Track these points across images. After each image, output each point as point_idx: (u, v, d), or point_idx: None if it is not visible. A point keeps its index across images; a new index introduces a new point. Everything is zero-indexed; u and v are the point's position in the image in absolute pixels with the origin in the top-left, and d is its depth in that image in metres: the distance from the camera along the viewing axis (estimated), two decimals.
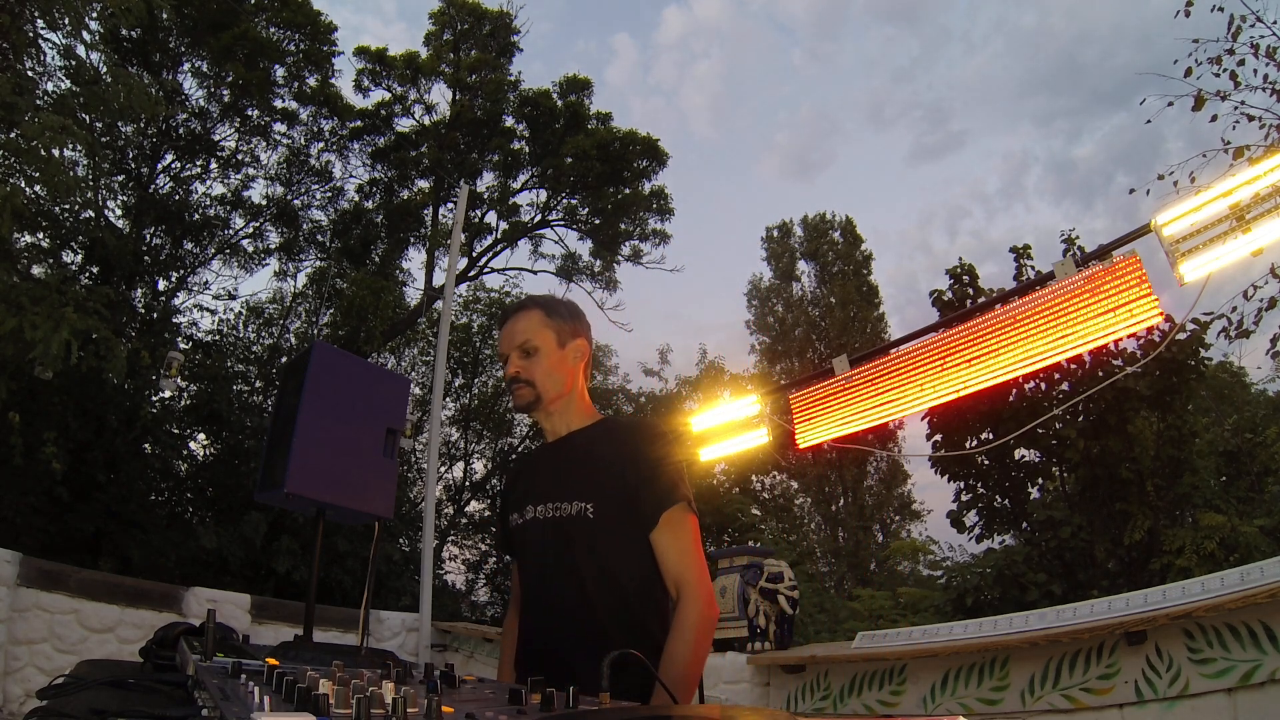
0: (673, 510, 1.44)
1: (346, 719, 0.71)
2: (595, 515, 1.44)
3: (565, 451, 1.59)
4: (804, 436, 4.11)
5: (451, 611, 12.38)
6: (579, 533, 1.45)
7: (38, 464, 7.12)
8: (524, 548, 1.58)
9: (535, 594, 1.55)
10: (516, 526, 1.59)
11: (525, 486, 1.62)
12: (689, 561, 1.42)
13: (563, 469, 1.55)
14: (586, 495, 1.46)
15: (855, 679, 3.81)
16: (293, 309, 13.22)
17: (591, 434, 1.58)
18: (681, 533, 1.45)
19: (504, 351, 1.64)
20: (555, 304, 1.69)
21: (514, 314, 1.67)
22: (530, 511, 1.55)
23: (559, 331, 1.63)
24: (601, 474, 1.47)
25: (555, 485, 1.53)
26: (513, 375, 1.59)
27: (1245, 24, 6.93)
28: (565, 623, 1.45)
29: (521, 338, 1.61)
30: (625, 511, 1.44)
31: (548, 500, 1.52)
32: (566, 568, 1.46)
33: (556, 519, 1.50)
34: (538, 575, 1.54)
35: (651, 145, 15.30)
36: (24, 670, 4.67)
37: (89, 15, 6.12)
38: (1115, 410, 7.79)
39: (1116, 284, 2.97)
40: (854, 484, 22.65)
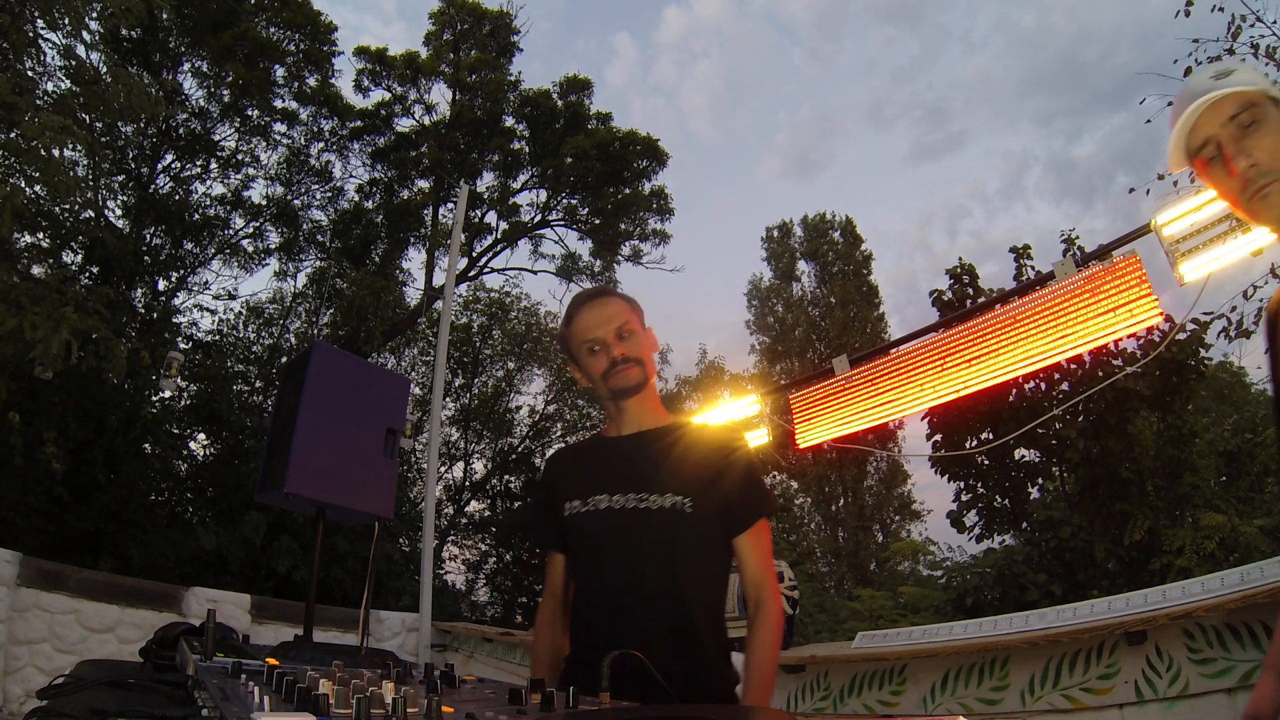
0: (763, 519, 1.52)
1: (346, 719, 0.71)
2: (694, 510, 1.43)
3: (647, 445, 1.53)
4: (804, 436, 4.11)
5: (451, 611, 12.39)
6: (675, 525, 1.43)
7: (38, 464, 7.12)
8: (589, 537, 1.50)
9: (606, 585, 1.46)
10: (577, 515, 1.51)
11: (591, 475, 1.54)
12: (769, 567, 1.50)
13: (649, 461, 1.49)
14: (683, 490, 1.44)
15: (855, 679, 3.81)
16: (293, 309, 13.22)
17: (676, 431, 1.55)
18: (766, 540, 1.52)
19: (599, 335, 1.54)
20: (627, 295, 1.66)
21: (597, 299, 1.61)
22: (603, 500, 1.48)
23: (640, 320, 1.61)
24: (698, 471, 1.47)
25: (638, 476, 1.48)
26: (622, 355, 1.52)
27: (1245, 24, 6.93)
28: (651, 615, 1.39)
29: (619, 320, 1.56)
30: (719, 513, 1.46)
31: (630, 490, 1.46)
32: (657, 559, 1.42)
33: (644, 509, 1.44)
34: (613, 565, 1.45)
35: (651, 145, 15.30)
36: (24, 670, 4.67)
37: (89, 15, 6.11)
38: (1115, 410, 7.79)
39: (1116, 284, 2.97)
40: (854, 484, 22.65)
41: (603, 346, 1.55)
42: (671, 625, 1.39)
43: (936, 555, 11.38)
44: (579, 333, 1.58)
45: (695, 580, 1.43)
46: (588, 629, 1.49)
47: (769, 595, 1.45)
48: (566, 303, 6.73)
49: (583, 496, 1.51)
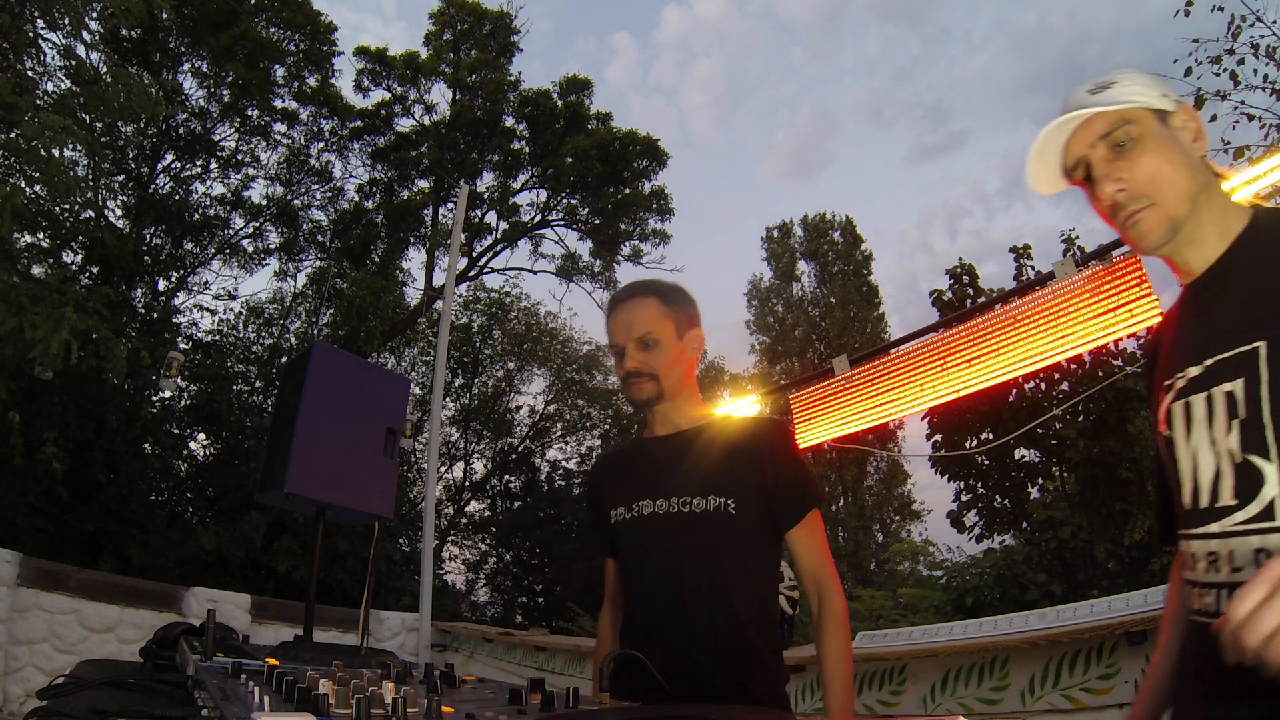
0: (814, 511, 1.48)
1: (346, 719, 0.71)
2: (737, 511, 1.40)
3: (686, 445, 1.49)
4: (804, 436, 4.11)
5: (451, 611, 12.39)
6: (719, 528, 1.40)
7: (38, 464, 7.13)
8: (635, 544, 1.48)
9: (654, 591, 1.43)
10: (622, 521, 1.49)
11: (634, 480, 1.51)
12: (828, 560, 1.46)
13: (688, 463, 1.46)
14: (725, 490, 1.41)
15: (855, 679, 3.80)
16: (293, 309, 13.22)
17: (715, 429, 1.52)
18: (819, 533, 1.48)
19: (619, 342, 1.51)
20: (671, 291, 1.58)
21: (627, 300, 1.54)
22: (646, 506, 1.46)
23: (678, 321, 1.54)
24: (739, 470, 1.43)
25: (681, 479, 1.45)
26: (634, 369, 1.48)
27: (1245, 24, 6.93)
28: (699, 621, 1.38)
29: (642, 329, 1.50)
30: (764, 509, 1.43)
31: (672, 495, 1.44)
32: (703, 564, 1.39)
33: (687, 514, 1.42)
34: (659, 571, 1.42)
35: (651, 145, 15.30)
36: (24, 670, 4.67)
37: (89, 15, 6.11)
38: (1115, 410, 7.79)
39: (1116, 284, 2.97)
40: (854, 484, 22.66)
41: (623, 355, 1.51)
42: (719, 629, 1.37)
43: (936, 555, 11.39)
44: (608, 334, 1.56)
45: (742, 582, 1.40)
46: (637, 634, 1.46)
47: (830, 590, 1.42)
48: (568, 302, 6.52)
49: (627, 503, 1.49)
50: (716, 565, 1.39)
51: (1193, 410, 0.91)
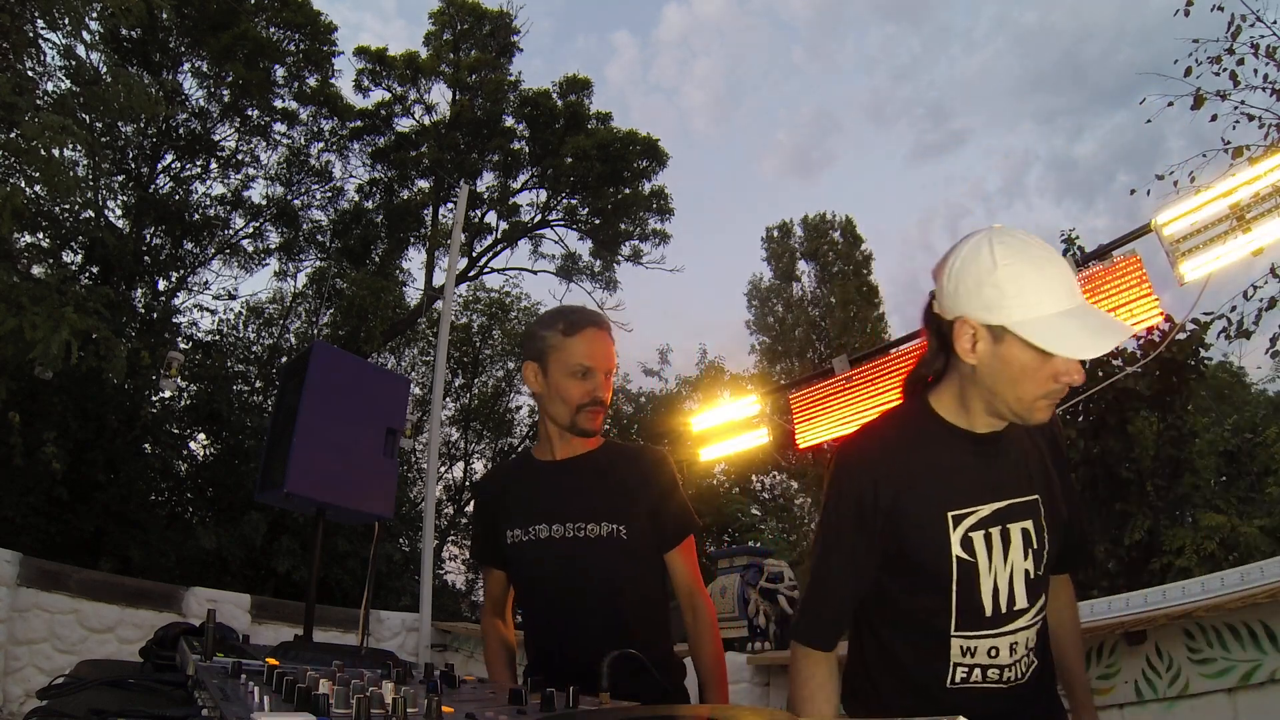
0: (690, 536, 1.63)
1: (346, 719, 0.71)
2: (629, 536, 1.52)
3: (579, 472, 1.58)
4: (804, 436, 4.11)
5: (451, 611, 12.39)
6: (612, 553, 1.51)
7: (38, 464, 7.13)
8: (533, 565, 1.57)
9: (556, 613, 1.55)
10: (519, 543, 1.57)
11: (528, 503, 1.59)
12: (698, 576, 1.62)
13: (581, 490, 1.56)
14: (616, 518, 1.52)
15: None
16: (293, 309, 13.23)
17: (605, 457, 1.61)
18: (692, 553, 1.63)
19: (595, 365, 1.55)
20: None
21: (603, 328, 1.60)
22: (543, 530, 1.54)
23: None
24: (628, 498, 1.54)
25: (575, 506, 1.54)
26: (602, 400, 1.55)
27: (1245, 24, 6.93)
28: (598, 638, 1.45)
29: (612, 363, 1.59)
30: (649, 534, 1.55)
31: (567, 520, 1.53)
32: (600, 587, 1.51)
33: (583, 539, 1.52)
34: (559, 594, 1.54)
35: (651, 145, 15.30)
36: (24, 670, 4.67)
37: (89, 15, 6.11)
38: (1115, 410, 7.80)
39: (1117, 284, 2.97)
40: None
41: (592, 379, 1.54)
42: (614, 637, 1.44)
43: None
44: (578, 350, 1.54)
45: (635, 602, 1.53)
46: (538, 651, 1.60)
47: (702, 600, 1.58)
48: (568, 302, 6.56)
49: (523, 525, 1.57)
50: (611, 587, 1.51)
51: (993, 540, 1.14)
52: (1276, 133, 6.85)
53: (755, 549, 5.06)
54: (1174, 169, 7.07)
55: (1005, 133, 44.86)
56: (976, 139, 43.93)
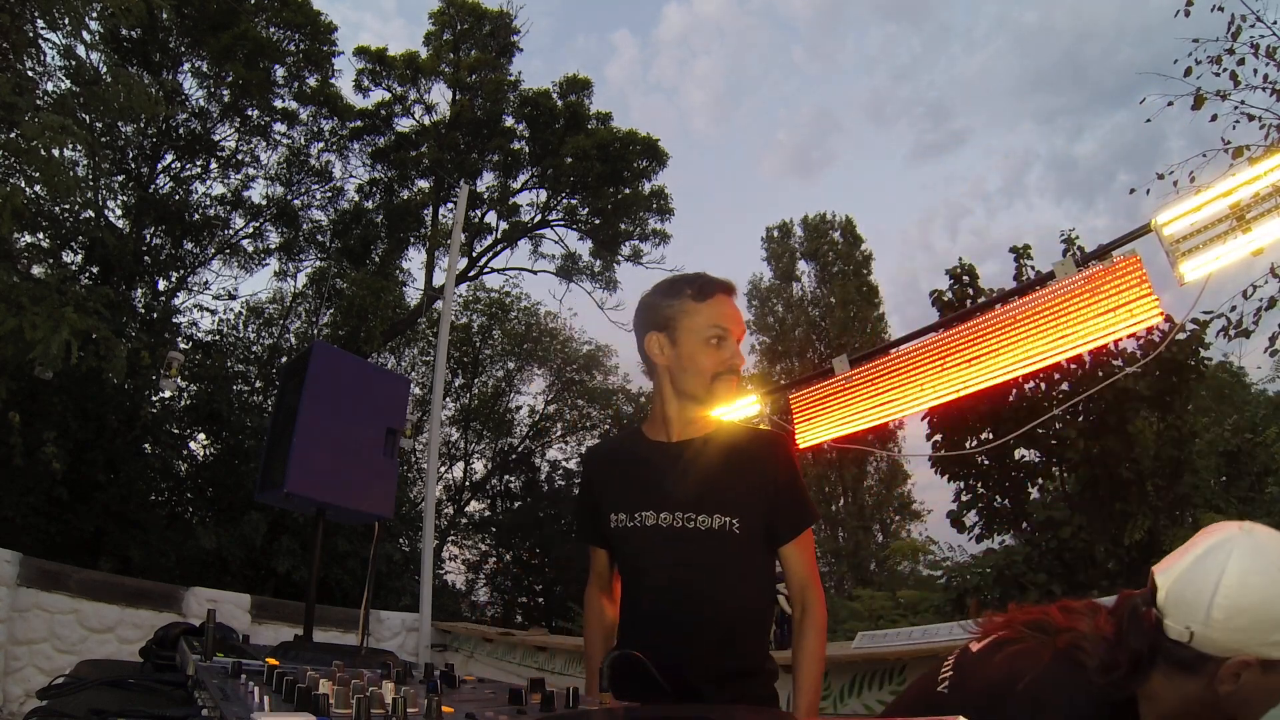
0: (809, 529, 1.52)
1: (346, 719, 0.71)
2: (741, 531, 1.43)
3: (691, 455, 1.48)
4: (804, 436, 4.11)
5: (451, 611, 12.40)
6: (723, 545, 1.42)
7: (38, 464, 7.13)
8: (636, 552, 1.49)
9: (656, 601, 1.46)
10: (623, 529, 1.48)
11: (635, 485, 1.50)
12: (816, 573, 1.52)
13: (694, 476, 1.46)
14: (730, 509, 1.43)
15: (855, 679, 3.80)
16: (293, 309, 13.23)
17: (722, 441, 1.50)
18: (810, 547, 1.52)
19: (733, 329, 1.48)
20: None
21: (732, 292, 1.53)
22: (649, 517, 1.45)
23: None
24: (743, 487, 1.45)
25: (686, 494, 1.45)
26: (741, 365, 1.48)
27: (1245, 24, 6.93)
28: (698, 631, 1.42)
29: (743, 328, 1.50)
30: (763, 526, 1.46)
31: (676, 509, 1.44)
32: (706, 579, 1.43)
33: (691, 529, 1.43)
34: (663, 582, 1.45)
35: (651, 145, 15.30)
36: (24, 670, 4.67)
37: (89, 15, 6.11)
38: (1115, 410, 7.80)
39: (1116, 284, 2.96)
40: (854, 484, 22.67)
41: (728, 345, 1.47)
42: (717, 640, 1.42)
43: (936, 555, 11.39)
44: (714, 312, 1.48)
45: (740, 596, 1.45)
46: (637, 641, 1.46)
47: (815, 600, 1.48)
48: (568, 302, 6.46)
49: (628, 510, 1.48)
50: (717, 580, 1.42)
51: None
52: (1276, 133, 6.85)
53: None
54: (1174, 169, 7.07)
55: (1005, 132, 44.92)
56: (977, 139, 43.98)
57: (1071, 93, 41.04)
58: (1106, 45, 35.58)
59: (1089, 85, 38.38)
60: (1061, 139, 41.68)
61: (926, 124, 41.68)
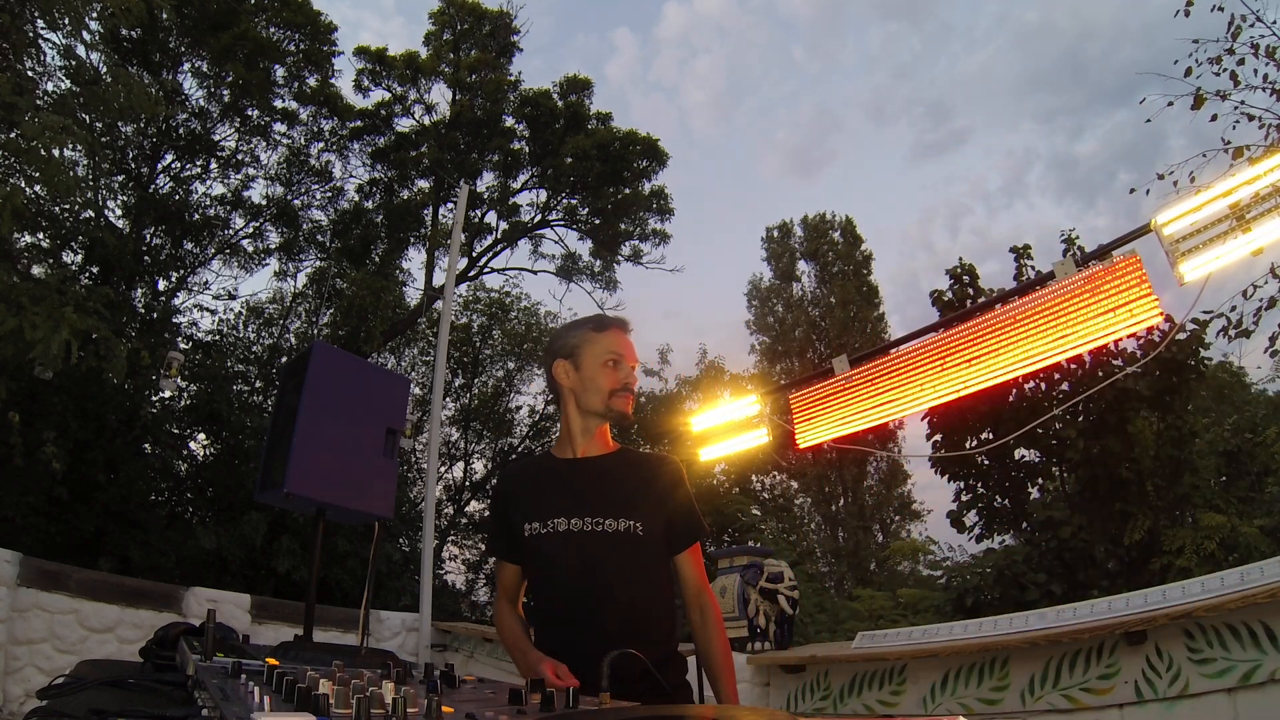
0: (698, 542, 1.75)
1: (346, 719, 0.71)
2: (644, 533, 1.61)
3: (601, 471, 1.69)
4: (804, 436, 4.11)
5: (451, 611, 12.39)
6: (628, 547, 1.60)
7: (38, 464, 7.12)
8: (551, 557, 1.63)
9: (571, 603, 1.60)
10: (537, 536, 1.64)
11: (547, 498, 1.67)
12: (705, 578, 1.74)
13: (599, 486, 1.66)
14: (634, 514, 1.62)
15: (855, 679, 3.81)
16: (293, 309, 13.22)
17: (625, 460, 1.73)
18: (700, 557, 1.76)
19: (626, 356, 1.73)
20: None
21: (626, 328, 1.79)
22: (561, 524, 1.62)
23: None
24: (645, 498, 1.66)
25: (593, 501, 1.63)
26: (633, 387, 1.74)
27: (1245, 24, 6.93)
28: (612, 622, 1.55)
29: (635, 358, 1.77)
30: (663, 534, 1.67)
31: (585, 515, 1.62)
32: (616, 578, 1.59)
33: (600, 533, 1.60)
34: (575, 585, 1.60)
35: (651, 145, 15.30)
36: (24, 670, 4.67)
37: (89, 15, 6.11)
38: (1115, 410, 7.79)
39: (1116, 284, 2.96)
40: (854, 484, 22.65)
41: (623, 368, 1.71)
42: (630, 635, 1.53)
43: (936, 555, 11.38)
44: (609, 341, 1.73)
45: (648, 593, 1.63)
46: (550, 641, 1.63)
47: (709, 599, 1.70)
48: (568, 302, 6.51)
49: (542, 519, 1.64)
50: (625, 578, 1.60)
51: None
52: (1276, 133, 6.85)
53: (755, 549, 5.06)
54: (1174, 169, 7.08)
55: (1006, 132, 44.87)
56: (977, 138, 43.93)
57: (1072, 92, 41.02)
58: (1107, 44, 35.56)
59: (1090, 84, 38.36)
60: (1062, 138, 41.65)
61: (927, 123, 41.66)
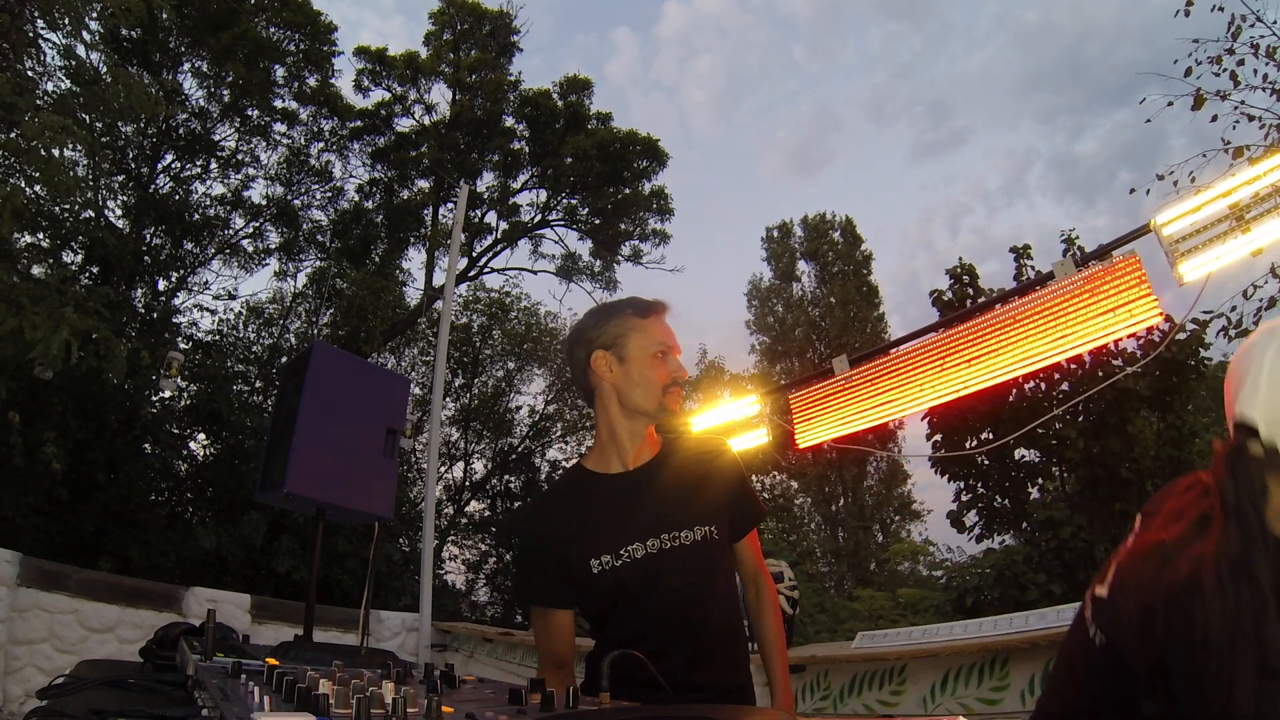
0: (759, 523, 1.65)
1: (346, 719, 0.71)
2: (720, 535, 1.49)
3: (659, 478, 1.49)
4: (804, 436, 4.11)
5: (451, 611, 12.39)
6: (711, 553, 1.46)
7: (38, 464, 7.12)
8: (632, 586, 1.43)
9: (663, 621, 1.42)
10: (610, 569, 1.42)
11: (614, 524, 1.45)
12: (763, 559, 1.65)
13: (667, 497, 1.47)
14: (707, 518, 1.47)
15: (855, 679, 3.81)
16: (293, 309, 13.22)
17: (678, 457, 1.54)
18: (757, 538, 1.66)
19: (674, 344, 1.54)
20: None
21: (667, 311, 1.58)
22: (638, 549, 1.42)
23: None
24: (710, 494, 1.50)
25: (666, 515, 1.45)
26: (685, 378, 1.54)
27: (1245, 24, 6.93)
28: (712, 639, 1.45)
29: (679, 344, 1.56)
30: (728, 524, 1.53)
31: (662, 532, 1.44)
32: (712, 593, 1.46)
33: (680, 547, 1.43)
34: (675, 613, 1.42)
35: (651, 145, 15.30)
36: (24, 670, 4.67)
37: (89, 15, 6.11)
38: (1115, 410, 7.80)
39: (1116, 284, 2.96)
40: (854, 484, 22.65)
41: (672, 359, 1.51)
42: (729, 649, 1.50)
43: (936, 555, 11.40)
44: (655, 330, 1.52)
45: (732, 596, 1.52)
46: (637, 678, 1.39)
47: (767, 582, 1.62)
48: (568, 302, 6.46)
49: (613, 550, 1.43)
50: (715, 586, 1.47)
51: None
52: (1276, 133, 6.85)
53: None
54: (1174, 169, 7.08)
55: (1006, 131, 44.91)
56: (977, 137, 43.98)
57: (1072, 91, 41.08)
58: (1107, 44, 35.59)
59: (1090, 84, 38.40)
60: (1062, 138, 41.70)
61: (927, 123, 41.69)
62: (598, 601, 1.47)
